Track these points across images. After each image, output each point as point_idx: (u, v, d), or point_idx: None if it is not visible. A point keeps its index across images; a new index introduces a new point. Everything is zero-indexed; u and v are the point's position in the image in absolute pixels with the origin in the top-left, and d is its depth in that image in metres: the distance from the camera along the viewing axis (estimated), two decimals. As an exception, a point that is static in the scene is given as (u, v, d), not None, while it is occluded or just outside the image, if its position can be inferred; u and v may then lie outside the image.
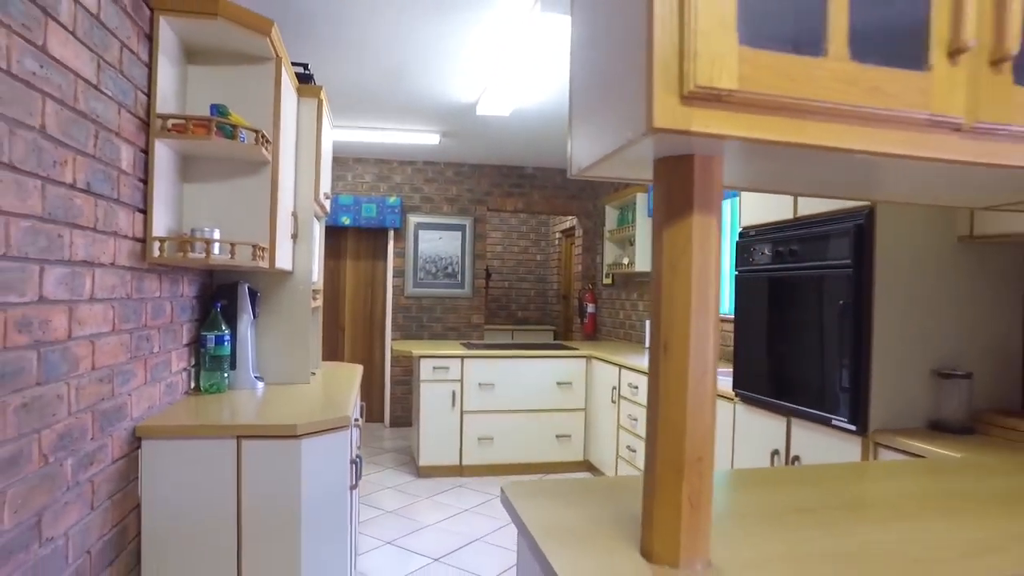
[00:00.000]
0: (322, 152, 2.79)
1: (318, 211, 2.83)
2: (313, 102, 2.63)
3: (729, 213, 3.70)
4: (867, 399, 1.95)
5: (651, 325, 0.93)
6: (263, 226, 2.14)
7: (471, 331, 5.89)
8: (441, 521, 3.51)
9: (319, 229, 3.06)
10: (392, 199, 5.70)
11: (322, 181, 2.82)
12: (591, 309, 5.87)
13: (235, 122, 1.93)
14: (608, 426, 4.10)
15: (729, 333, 3.17)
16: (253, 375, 2.44)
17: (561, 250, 7.87)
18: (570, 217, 6.99)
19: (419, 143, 5.00)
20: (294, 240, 2.58)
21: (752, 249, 2.51)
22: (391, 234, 5.78)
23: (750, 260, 2.53)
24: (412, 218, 5.80)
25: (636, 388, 3.67)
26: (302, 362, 2.60)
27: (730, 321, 2.90)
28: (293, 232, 2.55)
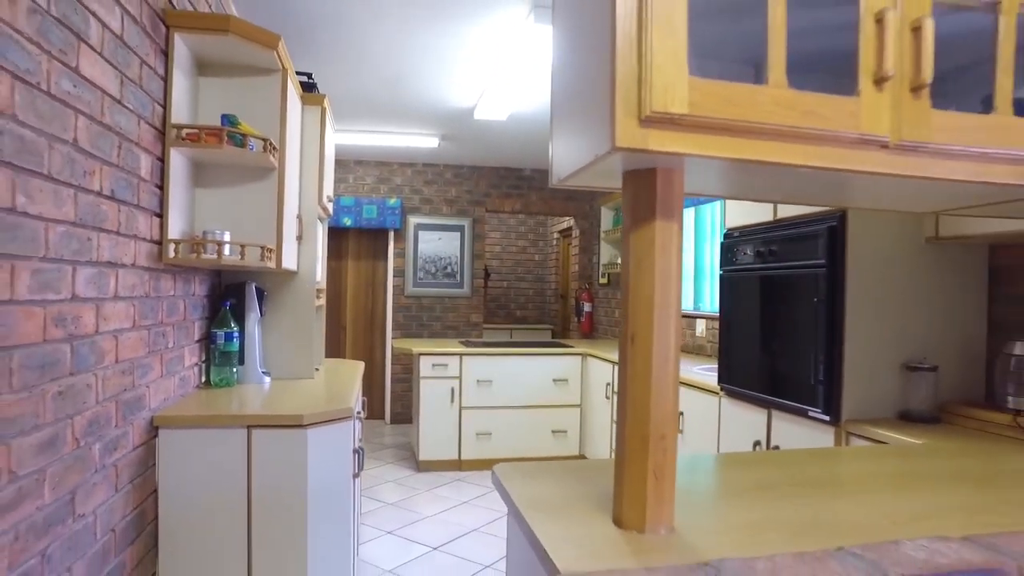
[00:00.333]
0: (325, 157, 2.92)
1: (321, 213, 2.95)
2: (317, 110, 2.75)
3: (717, 215, 3.82)
4: (840, 391, 2.07)
5: (620, 318, 1.05)
6: (270, 228, 2.26)
7: (470, 330, 6.01)
8: (440, 513, 3.63)
9: (322, 230, 3.18)
10: (392, 200, 5.82)
11: (325, 185, 2.95)
12: (588, 308, 5.99)
13: (245, 131, 2.05)
14: (603, 421, 4.22)
15: (714, 330, 3.29)
16: (260, 370, 2.56)
17: (559, 250, 7.99)
18: (567, 218, 7.11)
19: (419, 146, 5.13)
20: (299, 241, 2.70)
21: (736, 250, 2.63)
22: (391, 235, 5.91)
23: (734, 260, 2.65)
24: (412, 219, 5.92)
25: (629, 384, 3.78)
26: (307, 358, 2.72)
27: (716, 319, 3.02)
28: (298, 234, 2.67)
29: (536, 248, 8.36)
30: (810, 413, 2.16)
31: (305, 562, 2.00)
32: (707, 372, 3.16)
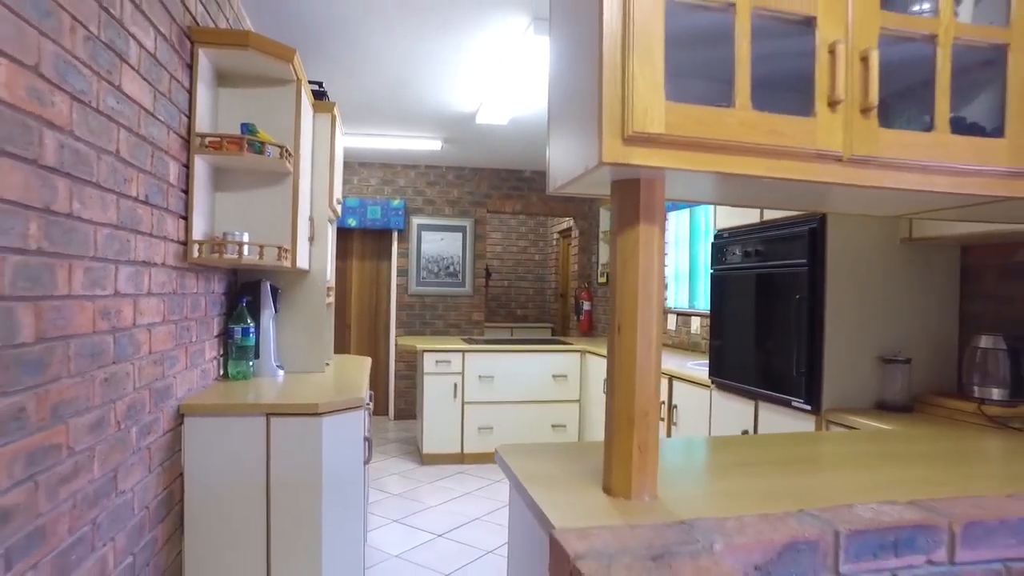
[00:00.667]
0: (335, 161, 3.06)
1: (331, 215, 3.09)
2: (327, 117, 2.90)
3: (711, 217, 3.95)
4: (820, 383, 2.21)
5: (609, 311, 1.19)
6: (285, 230, 2.40)
7: (472, 328, 6.15)
8: (444, 503, 3.77)
9: (332, 231, 3.32)
10: (396, 202, 5.96)
11: (335, 188, 3.09)
12: (587, 307, 6.13)
13: (263, 139, 2.20)
14: (601, 415, 4.36)
15: (708, 327, 3.43)
16: (275, 364, 2.71)
17: (558, 250, 8.13)
18: (567, 218, 7.25)
19: (422, 149, 5.27)
20: (311, 242, 2.85)
21: (725, 250, 2.77)
22: (395, 235, 6.05)
23: (723, 260, 2.79)
24: (415, 220, 6.06)
25: (625, 379, 3.91)
26: (318, 353, 2.87)
27: (706, 316, 3.15)
28: (310, 235, 2.82)
29: (536, 248, 8.51)
30: (793, 403, 2.30)
31: (320, 543, 2.14)
32: (700, 367, 3.30)
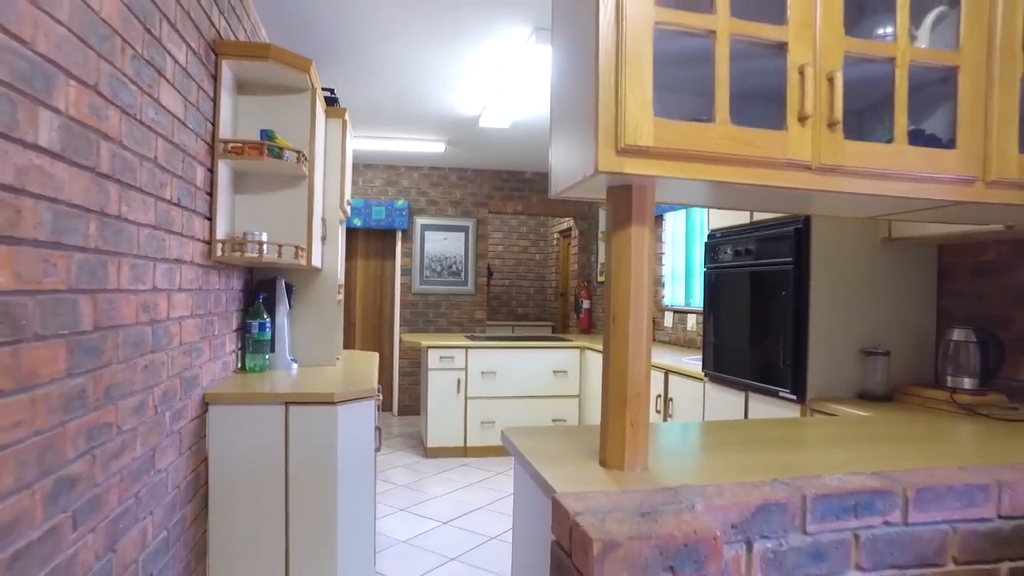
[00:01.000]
0: (346, 165, 3.20)
1: (341, 215, 3.23)
2: (339, 122, 3.04)
3: (706, 218, 4.08)
4: (805, 374, 2.35)
5: (604, 303, 1.33)
6: (301, 230, 2.54)
7: (474, 326, 6.29)
8: (448, 493, 3.91)
9: (342, 231, 3.46)
10: (400, 202, 6.10)
11: (345, 189, 3.23)
12: (586, 305, 6.27)
13: (281, 144, 2.33)
14: (600, 410, 4.49)
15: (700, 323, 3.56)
16: (288, 357, 2.85)
17: (559, 250, 8.27)
18: (567, 219, 7.39)
19: (426, 151, 5.41)
20: (323, 241, 2.98)
21: (718, 249, 2.91)
22: (399, 235, 6.19)
23: (716, 259, 2.93)
24: (419, 220, 6.20)
25: (623, 374, 4.05)
26: (329, 347, 3.00)
27: (700, 313, 3.29)
28: (323, 234, 2.95)
29: (537, 248, 8.65)
30: (780, 393, 2.44)
31: (336, 524, 2.28)
32: (695, 362, 3.43)
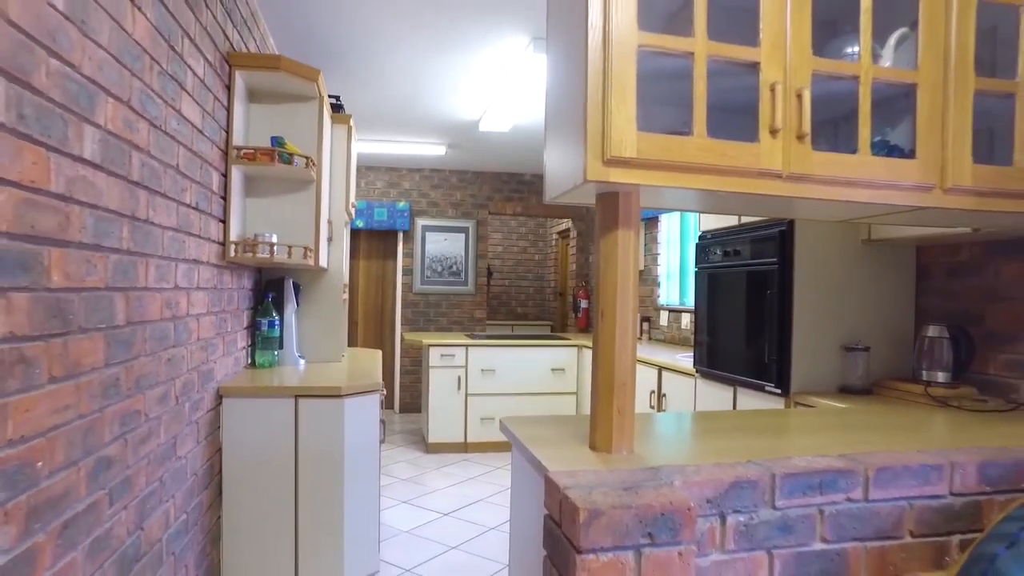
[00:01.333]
0: (350, 168, 3.32)
1: (346, 218, 3.35)
2: (344, 128, 3.16)
3: (699, 221, 4.20)
4: (789, 369, 2.47)
5: (593, 299, 1.45)
6: (309, 231, 2.66)
7: (474, 325, 6.41)
8: (449, 487, 4.03)
9: (347, 232, 3.58)
10: (401, 204, 6.22)
11: (350, 192, 3.35)
12: (584, 304, 6.38)
13: (291, 150, 2.45)
14: (596, 406, 4.61)
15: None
16: (296, 353, 2.96)
17: (557, 250, 8.39)
18: (565, 220, 7.51)
19: (427, 153, 5.53)
20: (329, 242, 3.10)
21: (708, 250, 3.03)
22: (400, 236, 6.31)
23: (706, 259, 3.05)
24: (420, 221, 6.33)
25: (619, 371, 4.18)
26: (335, 344, 3.12)
27: (691, 311, 3.40)
28: (329, 236, 3.07)
29: (536, 248, 8.77)
30: (766, 388, 2.56)
31: (343, 512, 2.40)
32: (688, 359, 3.55)
